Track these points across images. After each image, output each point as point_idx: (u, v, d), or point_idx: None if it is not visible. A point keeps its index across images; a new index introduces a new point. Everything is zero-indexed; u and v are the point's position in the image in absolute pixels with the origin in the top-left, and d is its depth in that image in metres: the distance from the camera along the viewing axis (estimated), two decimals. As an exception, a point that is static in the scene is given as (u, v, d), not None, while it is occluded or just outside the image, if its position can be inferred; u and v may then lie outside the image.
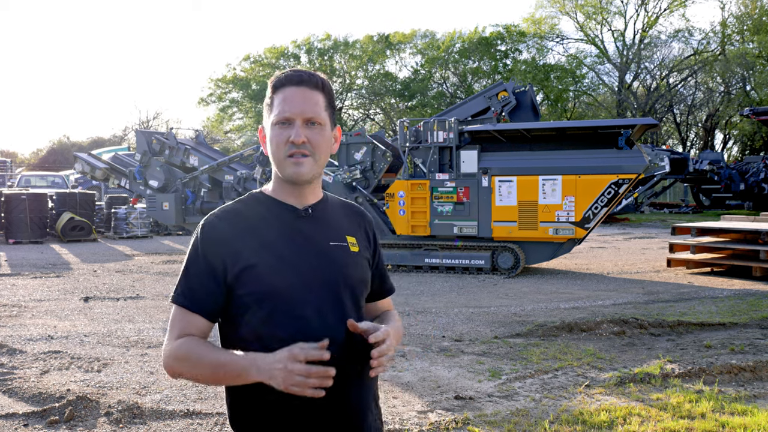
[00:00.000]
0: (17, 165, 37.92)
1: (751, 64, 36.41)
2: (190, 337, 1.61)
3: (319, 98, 1.66)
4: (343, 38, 42.01)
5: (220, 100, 41.47)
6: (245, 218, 1.67)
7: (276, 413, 1.60)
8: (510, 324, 7.08)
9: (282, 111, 1.63)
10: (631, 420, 4.16)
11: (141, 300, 8.66)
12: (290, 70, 1.68)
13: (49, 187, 22.52)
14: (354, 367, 1.63)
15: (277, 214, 1.68)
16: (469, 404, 4.51)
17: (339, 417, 1.63)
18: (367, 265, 1.77)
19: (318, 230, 1.69)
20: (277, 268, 1.61)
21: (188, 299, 1.62)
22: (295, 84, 1.65)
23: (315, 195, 1.73)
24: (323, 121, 1.66)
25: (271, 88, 1.68)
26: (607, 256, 13.55)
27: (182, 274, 1.65)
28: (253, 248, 1.62)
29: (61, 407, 4.35)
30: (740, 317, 7.28)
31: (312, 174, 1.66)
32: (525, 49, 41.17)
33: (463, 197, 10.98)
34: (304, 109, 1.63)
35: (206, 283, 1.61)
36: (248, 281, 1.60)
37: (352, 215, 1.81)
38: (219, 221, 1.66)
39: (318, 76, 1.68)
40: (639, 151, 10.23)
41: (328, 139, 1.69)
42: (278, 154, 1.65)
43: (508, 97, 12.38)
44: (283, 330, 1.58)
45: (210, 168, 12.70)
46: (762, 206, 25.62)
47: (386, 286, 1.91)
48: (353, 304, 1.69)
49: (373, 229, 1.85)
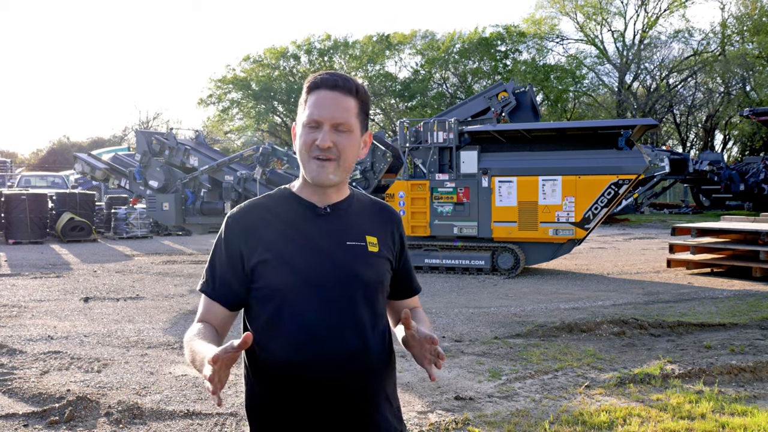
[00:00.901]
0: (17, 165, 37.92)
1: (751, 64, 36.42)
2: (201, 324, 1.67)
3: (351, 103, 1.68)
4: (343, 38, 42.04)
5: (220, 100, 41.47)
6: (267, 213, 1.71)
7: (288, 404, 1.64)
8: (510, 324, 7.08)
9: (312, 113, 1.66)
10: (631, 420, 4.16)
11: (141, 300, 8.66)
12: (326, 73, 1.70)
13: (49, 187, 22.51)
14: (360, 365, 1.65)
15: (297, 211, 1.72)
16: (469, 405, 4.51)
17: (346, 411, 1.65)
18: (386, 266, 1.77)
19: (336, 229, 1.71)
20: (289, 265, 1.64)
21: (210, 287, 1.70)
22: (329, 88, 1.67)
23: (339, 194, 1.76)
24: (352, 127, 1.67)
25: (306, 88, 1.70)
26: (607, 257, 13.55)
27: (208, 263, 1.73)
28: (269, 243, 1.66)
29: (61, 407, 4.35)
30: (740, 318, 7.28)
31: (335, 178, 1.68)
32: (525, 50, 41.22)
33: (463, 198, 10.98)
34: (333, 114, 1.65)
35: (227, 274, 1.68)
36: (262, 275, 1.65)
37: (378, 215, 1.82)
38: (242, 215, 1.71)
39: (353, 81, 1.70)
40: (639, 152, 10.23)
41: (356, 144, 1.70)
42: (304, 155, 1.68)
43: (508, 98, 12.39)
44: (288, 325, 1.62)
45: (210, 168, 12.69)
46: (762, 207, 25.64)
47: (412, 286, 1.93)
48: (366, 303, 1.69)
49: (401, 230, 1.86)
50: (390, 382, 1.77)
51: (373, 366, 1.68)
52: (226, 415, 4.32)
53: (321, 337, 1.61)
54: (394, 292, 1.85)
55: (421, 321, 1.82)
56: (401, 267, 1.86)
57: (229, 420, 4.23)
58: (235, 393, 4.76)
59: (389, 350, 1.77)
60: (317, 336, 1.61)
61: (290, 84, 40.70)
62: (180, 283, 10.13)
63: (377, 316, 1.73)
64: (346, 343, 1.63)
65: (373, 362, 1.68)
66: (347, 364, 1.63)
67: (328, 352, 1.62)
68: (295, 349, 1.61)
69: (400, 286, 1.87)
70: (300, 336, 1.59)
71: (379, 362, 1.70)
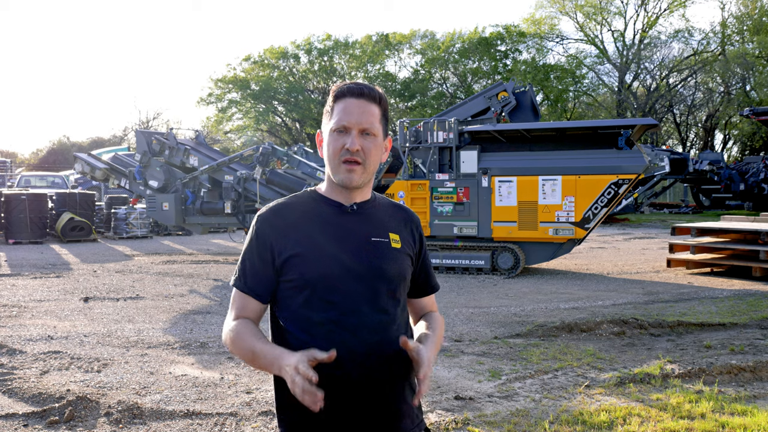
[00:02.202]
0: (17, 165, 37.90)
1: (751, 64, 36.43)
2: (243, 321, 1.80)
3: (376, 110, 1.81)
4: (343, 38, 42.03)
5: (219, 100, 41.45)
6: (295, 212, 1.83)
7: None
8: (510, 324, 7.09)
9: (341, 119, 1.78)
10: (631, 420, 4.16)
11: (141, 300, 8.66)
12: (352, 83, 1.82)
13: (49, 187, 22.51)
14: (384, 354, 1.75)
15: (324, 210, 1.84)
16: (469, 404, 4.51)
17: (371, 398, 1.74)
18: (408, 262, 1.89)
19: (361, 226, 1.83)
20: (318, 258, 1.75)
21: (243, 282, 1.82)
22: (356, 96, 1.79)
23: (363, 196, 1.88)
24: (377, 132, 1.80)
25: (333, 97, 1.82)
26: (606, 257, 13.55)
27: (240, 260, 1.84)
28: (298, 239, 1.78)
29: (61, 407, 4.35)
30: (740, 317, 7.29)
31: (361, 180, 1.81)
32: (525, 50, 41.19)
33: (463, 197, 10.98)
34: (360, 120, 1.77)
35: (259, 270, 1.80)
36: (292, 268, 1.76)
37: (399, 215, 1.94)
38: (271, 214, 1.83)
39: (376, 90, 1.82)
40: (639, 152, 10.23)
41: (379, 149, 1.83)
42: (334, 159, 1.80)
43: (508, 98, 12.38)
44: (318, 314, 1.74)
45: (210, 168, 12.69)
46: (762, 206, 25.64)
47: (430, 283, 2.04)
48: (389, 296, 1.81)
49: (420, 230, 1.98)
50: (412, 374, 1.83)
51: (396, 357, 1.76)
52: (226, 415, 4.32)
53: (348, 328, 1.72)
54: (413, 288, 1.96)
55: (435, 327, 1.93)
56: (420, 264, 1.97)
57: (229, 420, 4.23)
58: (235, 393, 4.76)
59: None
60: (345, 326, 1.72)
61: (290, 84, 40.70)
62: (180, 283, 10.13)
63: (400, 308, 1.85)
64: (372, 334, 1.74)
65: (396, 353, 1.76)
66: (372, 353, 1.73)
67: (354, 341, 1.72)
68: (324, 338, 1.72)
69: (419, 282, 1.99)
70: (328, 325, 1.71)
71: (403, 353, 1.77)
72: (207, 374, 5.24)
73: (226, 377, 5.15)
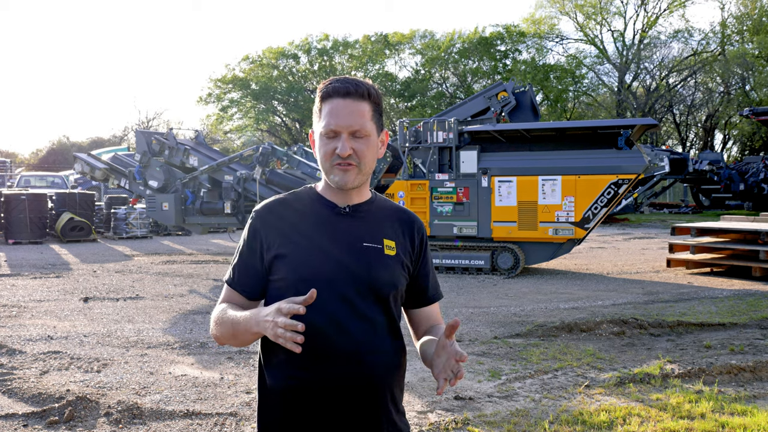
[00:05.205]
0: (17, 165, 37.89)
1: (751, 64, 36.43)
2: (224, 303, 1.78)
3: (366, 108, 1.70)
4: (342, 38, 42.03)
5: (219, 100, 41.44)
6: (289, 210, 1.78)
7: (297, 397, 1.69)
8: (510, 324, 7.09)
9: (329, 123, 1.69)
10: (631, 420, 4.16)
11: (140, 300, 8.66)
12: (337, 81, 1.71)
13: (48, 187, 22.49)
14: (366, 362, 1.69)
15: (318, 210, 1.78)
16: (469, 404, 4.51)
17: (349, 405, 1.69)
18: (401, 270, 1.79)
19: (354, 229, 1.76)
20: (304, 261, 1.70)
21: (232, 278, 1.80)
22: (342, 96, 1.69)
23: (360, 196, 1.80)
24: (368, 132, 1.71)
25: (319, 97, 1.73)
26: (606, 257, 13.55)
27: (235, 255, 1.82)
28: (287, 238, 1.73)
29: (61, 407, 4.35)
30: (740, 317, 7.29)
31: (358, 181, 1.73)
32: (525, 50, 41.20)
33: (462, 197, 10.98)
34: (350, 122, 1.68)
35: (249, 266, 1.77)
36: (279, 268, 1.72)
37: (399, 220, 1.84)
38: (265, 211, 1.80)
39: (364, 85, 1.71)
40: (638, 152, 10.23)
41: (374, 147, 1.74)
42: (326, 163, 1.72)
43: (507, 98, 12.39)
44: (301, 316, 1.66)
45: (210, 168, 12.69)
46: (762, 206, 25.63)
47: (430, 293, 1.92)
48: (376, 303, 1.73)
49: (422, 236, 1.87)
50: (396, 385, 1.79)
51: (378, 365, 1.71)
52: (225, 415, 4.32)
53: (330, 333, 1.66)
54: (412, 298, 1.88)
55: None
56: (419, 272, 1.87)
57: (229, 420, 4.23)
58: (235, 393, 4.76)
59: (399, 353, 1.79)
60: (327, 331, 1.66)
61: (290, 84, 40.69)
62: (180, 283, 10.13)
63: (388, 317, 1.76)
64: (354, 340, 1.68)
65: (379, 361, 1.71)
66: (353, 360, 1.67)
67: (336, 346, 1.67)
68: (306, 343, 1.64)
69: (418, 290, 1.88)
70: (310, 329, 1.62)
71: (385, 362, 1.73)
72: (207, 374, 5.24)
73: (225, 377, 5.15)
